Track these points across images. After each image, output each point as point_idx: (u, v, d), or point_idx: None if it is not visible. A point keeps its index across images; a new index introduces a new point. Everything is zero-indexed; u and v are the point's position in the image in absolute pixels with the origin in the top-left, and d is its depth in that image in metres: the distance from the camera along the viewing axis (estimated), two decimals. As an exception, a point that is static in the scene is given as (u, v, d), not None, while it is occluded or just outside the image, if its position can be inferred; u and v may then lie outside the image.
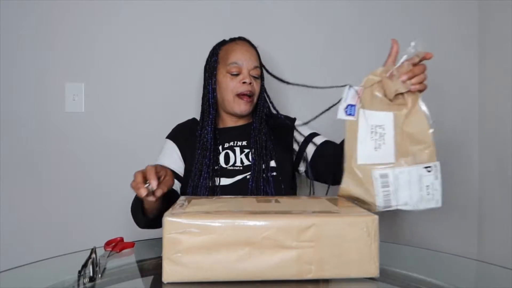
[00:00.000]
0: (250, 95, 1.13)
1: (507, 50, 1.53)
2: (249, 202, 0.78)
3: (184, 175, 1.15)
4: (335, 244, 0.64)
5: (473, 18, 1.70)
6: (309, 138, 1.17)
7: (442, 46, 1.69)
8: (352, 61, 1.62)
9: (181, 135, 1.19)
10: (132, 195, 1.45)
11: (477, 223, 1.70)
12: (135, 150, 1.47)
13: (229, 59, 1.13)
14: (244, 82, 1.12)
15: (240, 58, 1.13)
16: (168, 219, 0.62)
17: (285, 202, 0.79)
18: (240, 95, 1.12)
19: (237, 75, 1.12)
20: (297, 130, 1.20)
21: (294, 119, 1.25)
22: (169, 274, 0.62)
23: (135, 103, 1.47)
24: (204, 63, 1.48)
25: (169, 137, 1.21)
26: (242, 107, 1.13)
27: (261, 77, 1.19)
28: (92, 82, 1.45)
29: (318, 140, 1.17)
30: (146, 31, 1.47)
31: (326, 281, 0.66)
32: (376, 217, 0.66)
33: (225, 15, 1.51)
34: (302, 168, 1.19)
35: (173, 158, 1.15)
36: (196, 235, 0.62)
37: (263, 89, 1.20)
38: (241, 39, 1.20)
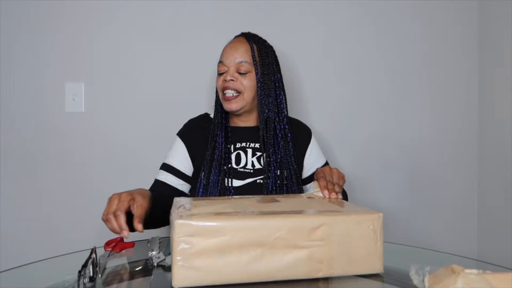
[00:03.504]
0: (232, 93, 1.10)
1: (507, 50, 1.53)
2: (251, 202, 0.77)
3: (193, 176, 1.14)
4: (344, 242, 0.66)
5: (473, 18, 1.70)
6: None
7: (442, 46, 1.69)
8: (353, 62, 1.62)
9: (192, 132, 1.17)
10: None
11: (477, 223, 1.70)
12: (135, 150, 1.47)
13: (219, 58, 1.14)
14: (224, 80, 1.11)
15: (225, 56, 1.12)
16: (179, 221, 0.60)
17: (287, 201, 0.79)
18: (223, 92, 1.12)
19: (223, 73, 1.12)
20: (312, 145, 1.22)
21: (310, 131, 1.24)
22: (179, 278, 0.60)
23: (135, 103, 1.47)
24: (203, 62, 1.50)
25: (179, 134, 1.18)
26: (226, 104, 1.11)
27: (263, 73, 1.11)
28: (92, 82, 1.45)
29: None
30: (146, 31, 1.47)
31: (326, 279, 0.66)
32: (381, 214, 0.68)
33: (225, 14, 1.52)
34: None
35: (180, 159, 1.13)
36: (208, 237, 0.60)
37: (262, 87, 1.11)
38: (239, 35, 1.18)
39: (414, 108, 1.67)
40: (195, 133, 1.16)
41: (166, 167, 1.14)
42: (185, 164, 1.14)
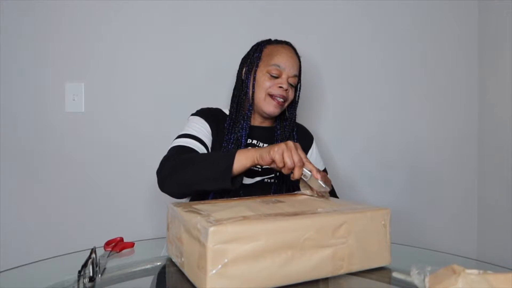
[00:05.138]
0: (283, 100, 1.12)
1: (507, 50, 1.54)
2: (258, 204, 0.76)
3: None
4: (361, 238, 0.68)
5: (473, 18, 1.70)
6: None
7: (442, 46, 1.69)
8: (353, 62, 1.62)
9: (210, 117, 1.14)
10: (131, 193, 1.46)
11: (477, 223, 1.70)
12: (135, 150, 1.47)
13: (273, 60, 1.12)
14: (280, 87, 1.11)
15: (284, 62, 1.12)
16: (213, 228, 0.56)
17: (292, 202, 0.79)
18: (272, 96, 1.11)
19: (276, 77, 1.11)
20: (313, 149, 1.25)
21: (313, 137, 1.28)
22: None
23: (135, 103, 1.47)
24: (203, 62, 1.50)
25: (198, 114, 1.15)
26: (271, 108, 1.11)
27: (297, 88, 1.19)
28: (92, 82, 1.45)
29: None
30: (146, 30, 1.47)
31: (326, 279, 0.66)
32: (390, 209, 0.73)
33: (225, 15, 1.52)
34: None
35: (204, 132, 1.09)
36: (242, 242, 0.58)
37: (296, 100, 1.20)
38: (288, 44, 1.19)
39: (414, 108, 1.67)
40: (212, 119, 1.14)
41: (190, 137, 1.06)
42: (209, 138, 1.09)
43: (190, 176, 0.90)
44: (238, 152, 0.88)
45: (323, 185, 0.82)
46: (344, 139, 1.62)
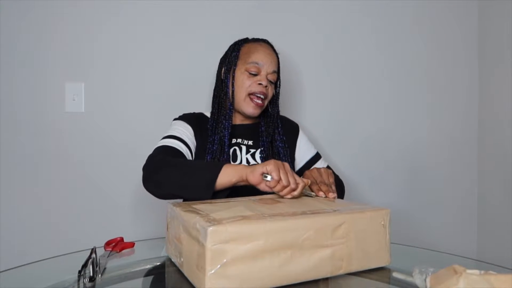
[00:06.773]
0: (262, 98, 1.12)
1: (507, 50, 1.54)
2: (257, 204, 0.75)
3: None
4: (360, 238, 0.68)
5: (473, 18, 1.70)
6: (314, 160, 1.22)
7: (442, 46, 1.69)
8: (353, 62, 1.62)
9: (193, 121, 1.15)
10: (131, 193, 1.46)
11: (477, 223, 1.70)
12: (135, 150, 1.46)
13: (250, 58, 1.12)
14: (260, 84, 1.11)
15: (262, 59, 1.12)
16: (212, 228, 0.56)
17: (290, 201, 0.79)
18: (252, 96, 1.12)
19: (255, 75, 1.12)
20: (301, 139, 1.25)
21: (298, 126, 1.27)
22: None
23: (135, 102, 1.47)
24: (203, 62, 1.50)
25: (180, 118, 1.16)
26: (251, 109, 1.12)
27: (277, 84, 1.19)
28: (92, 82, 1.45)
29: (319, 165, 1.21)
30: (146, 31, 1.47)
31: (326, 279, 0.66)
32: (389, 210, 0.73)
33: (224, 15, 1.52)
34: None
35: (187, 135, 1.10)
36: (241, 242, 0.58)
37: (277, 95, 1.20)
38: (265, 41, 1.19)
39: (414, 108, 1.67)
40: (195, 123, 1.15)
41: (175, 138, 1.07)
42: (192, 141, 1.10)
43: (173, 179, 0.87)
44: (226, 166, 0.85)
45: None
46: (344, 139, 1.62)
